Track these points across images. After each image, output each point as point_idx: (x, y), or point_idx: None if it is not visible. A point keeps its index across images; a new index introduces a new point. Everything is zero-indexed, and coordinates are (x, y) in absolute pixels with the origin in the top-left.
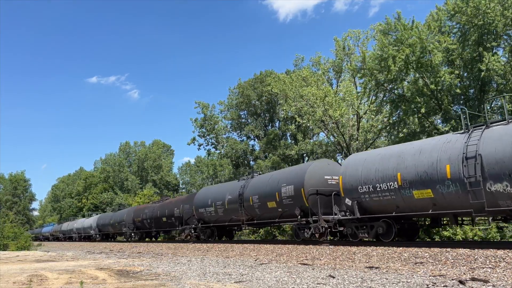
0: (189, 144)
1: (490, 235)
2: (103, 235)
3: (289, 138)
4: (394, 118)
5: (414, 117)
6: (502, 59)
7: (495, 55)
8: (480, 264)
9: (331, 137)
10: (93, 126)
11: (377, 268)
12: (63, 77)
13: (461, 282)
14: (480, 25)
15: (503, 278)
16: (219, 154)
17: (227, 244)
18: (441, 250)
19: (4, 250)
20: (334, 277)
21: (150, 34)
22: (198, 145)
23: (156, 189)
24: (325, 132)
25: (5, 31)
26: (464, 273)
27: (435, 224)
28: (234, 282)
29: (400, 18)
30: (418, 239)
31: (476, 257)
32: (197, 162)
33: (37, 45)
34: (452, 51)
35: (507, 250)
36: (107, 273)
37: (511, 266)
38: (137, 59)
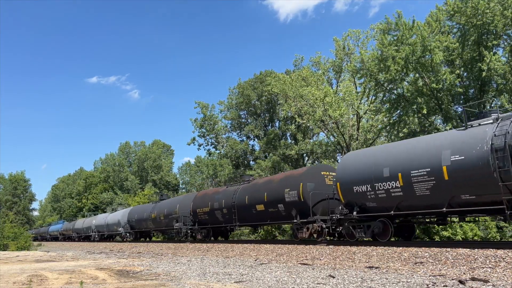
0: (189, 144)
1: (490, 235)
2: (138, 233)
3: (289, 138)
4: (394, 118)
5: (414, 117)
6: (502, 59)
7: (495, 54)
8: (480, 264)
9: (331, 137)
10: (93, 126)
11: (377, 268)
12: (63, 77)
13: (461, 282)
14: (480, 25)
15: (503, 278)
16: (219, 154)
17: (227, 244)
18: (441, 250)
19: (4, 250)
20: (334, 277)
21: (150, 34)
22: (198, 145)
23: (156, 189)
24: (325, 132)
25: (5, 31)
26: (464, 273)
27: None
28: (234, 282)
29: (401, 18)
30: (418, 239)
31: (476, 257)
32: (197, 162)
33: (37, 45)
34: (452, 50)
35: (507, 250)
36: (107, 273)
37: (511, 266)
38: (137, 59)
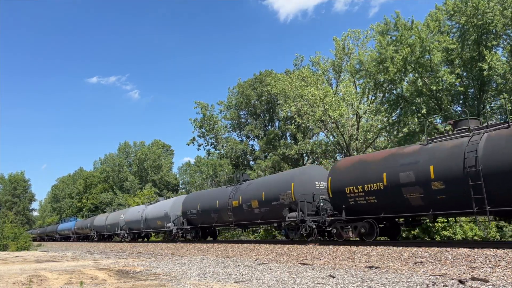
0: (188, 144)
1: (490, 235)
2: (197, 230)
3: (289, 138)
4: (393, 118)
5: (413, 117)
6: (502, 59)
7: (495, 54)
8: (480, 264)
9: (331, 137)
10: (93, 126)
11: (377, 267)
12: (63, 77)
13: (461, 281)
14: (480, 24)
15: (503, 278)
16: (218, 154)
17: (227, 244)
18: (440, 250)
19: (4, 251)
20: (334, 277)
21: (150, 34)
22: (198, 145)
23: (156, 189)
24: (325, 132)
25: (5, 31)
26: (464, 273)
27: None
28: (234, 282)
29: (399, 18)
30: (418, 239)
31: (476, 256)
32: (197, 162)
33: (37, 45)
34: (452, 50)
35: (507, 250)
36: (107, 273)
37: (511, 266)
38: (137, 59)
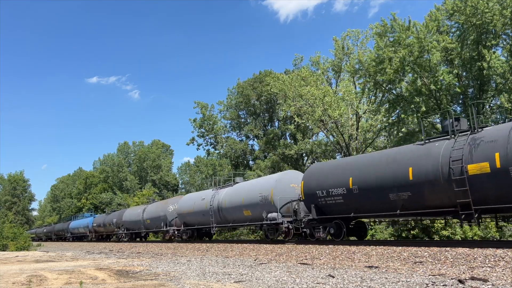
0: (188, 144)
1: (489, 234)
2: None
3: (288, 137)
4: (393, 118)
5: (413, 116)
6: (502, 58)
7: (494, 53)
8: (479, 263)
9: (331, 137)
10: (93, 126)
11: (376, 267)
12: (63, 77)
13: (460, 281)
14: (479, 24)
15: (502, 277)
16: (218, 154)
17: (226, 244)
18: (440, 250)
19: (4, 251)
20: (333, 277)
21: (150, 34)
22: (198, 145)
23: (155, 189)
24: (325, 131)
25: (5, 31)
26: (464, 272)
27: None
28: (234, 282)
29: (395, 19)
30: (417, 239)
31: (475, 256)
32: (197, 162)
33: (37, 45)
34: (451, 50)
35: (506, 249)
36: (106, 273)
37: (511, 265)
38: (137, 59)
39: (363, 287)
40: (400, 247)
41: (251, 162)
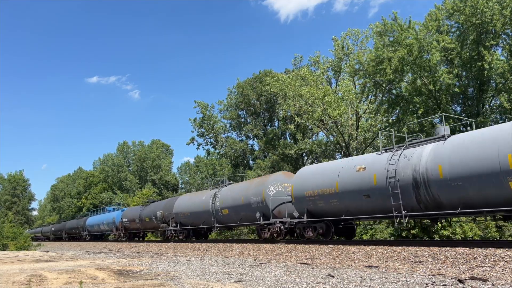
0: (188, 144)
1: (489, 234)
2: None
3: (288, 137)
4: (393, 118)
5: (413, 116)
6: (501, 58)
7: (494, 53)
8: (479, 263)
9: (331, 137)
10: (93, 126)
11: (376, 267)
12: (63, 77)
13: (460, 281)
14: (479, 24)
15: (502, 277)
16: (218, 153)
17: (226, 243)
18: (440, 249)
19: (4, 250)
20: (333, 276)
21: (150, 34)
22: (198, 144)
23: (155, 188)
24: (325, 131)
25: (5, 31)
26: (463, 272)
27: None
28: (234, 282)
29: (396, 19)
30: (417, 238)
31: (475, 256)
32: (197, 162)
33: (37, 45)
34: (451, 50)
35: (506, 249)
36: (106, 272)
37: (510, 265)
38: (138, 59)
39: (363, 287)
40: (400, 247)
41: (251, 162)
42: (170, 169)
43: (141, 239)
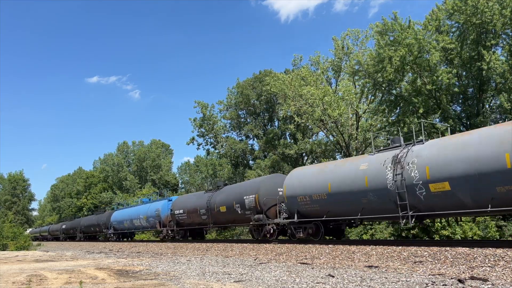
0: (188, 143)
1: (489, 234)
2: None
3: (288, 137)
4: (392, 118)
5: (413, 116)
6: (501, 58)
7: (494, 53)
8: (479, 263)
9: (330, 137)
10: (93, 126)
11: (376, 267)
12: (63, 77)
13: (460, 281)
14: (479, 24)
15: (502, 277)
16: (218, 153)
17: (226, 243)
18: (440, 249)
19: (4, 250)
20: (333, 276)
21: (150, 34)
22: (198, 144)
23: (155, 188)
24: (324, 131)
25: (5, 31)
26: (463, 272)
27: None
28: (234, 282)
29: (396, 19)
30: (417, 238)
31: (475, 256)
32: (197, 161)
33: (37, 45)
34: (451, 50)
35: (506, 249)
36: (106, 272)
37: (510, 265)
38: (138, 59)
39: (363, 287)
40: (400, 247)
41: (251, 161)
42: (170, 169)
43: (201, 239)
